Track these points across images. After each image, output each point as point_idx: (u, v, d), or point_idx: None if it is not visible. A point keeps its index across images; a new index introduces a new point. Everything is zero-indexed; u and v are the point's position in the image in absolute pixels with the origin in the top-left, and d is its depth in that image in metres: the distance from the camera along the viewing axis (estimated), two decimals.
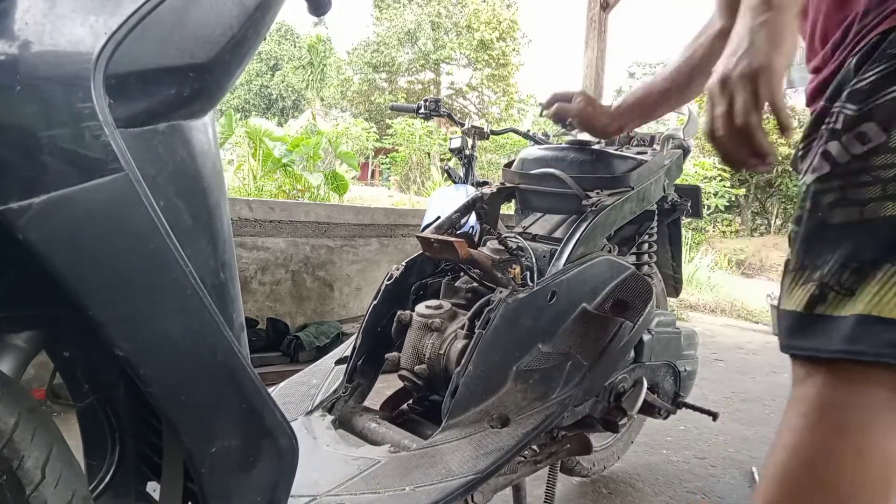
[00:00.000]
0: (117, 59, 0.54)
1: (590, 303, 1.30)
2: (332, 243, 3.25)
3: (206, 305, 0.60)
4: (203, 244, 0.63)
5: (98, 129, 0.52)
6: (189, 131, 0.61)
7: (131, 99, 0.56)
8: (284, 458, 0.71)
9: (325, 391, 1.29)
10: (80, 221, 0.51)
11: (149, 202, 0.55)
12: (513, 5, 26.30)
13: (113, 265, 0.54)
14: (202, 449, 0.63)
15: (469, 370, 1.11)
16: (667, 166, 1.56)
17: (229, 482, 0.67)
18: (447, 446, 1.06)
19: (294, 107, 25.52)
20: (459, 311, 1.26)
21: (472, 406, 1.12)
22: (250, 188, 6.21)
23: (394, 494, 0.95)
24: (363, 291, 3.37)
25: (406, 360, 1.22)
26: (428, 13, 25.60)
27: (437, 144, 12.12)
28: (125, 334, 0.56)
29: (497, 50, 25.02)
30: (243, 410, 0.66)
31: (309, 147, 6.80)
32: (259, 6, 0.63)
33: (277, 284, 3.01)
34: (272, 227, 2.99)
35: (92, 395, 0.78)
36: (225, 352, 0.63)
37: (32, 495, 0.56)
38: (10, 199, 0.48)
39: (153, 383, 0.58)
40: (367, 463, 1.04)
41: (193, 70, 0.59)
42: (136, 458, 0.81)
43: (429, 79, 26.70)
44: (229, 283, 0.66)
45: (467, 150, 2.81)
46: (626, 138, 1.80)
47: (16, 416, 0.56)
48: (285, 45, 27.51)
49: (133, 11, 0.54)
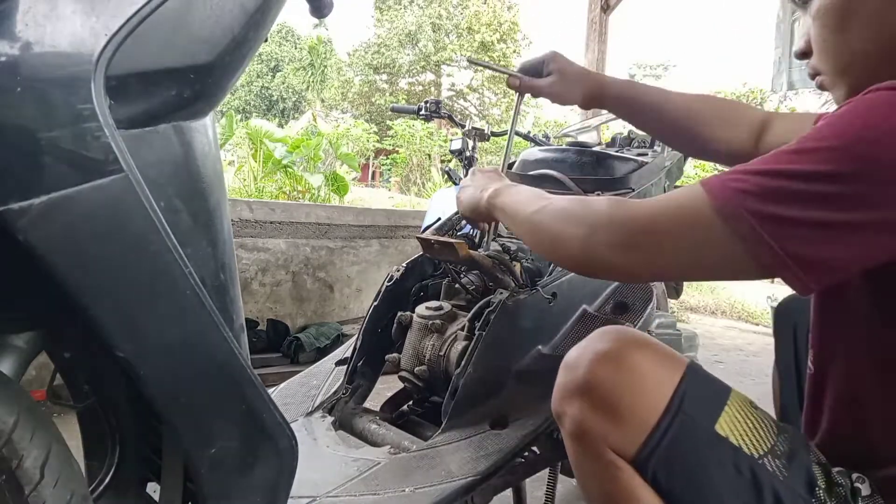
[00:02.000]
0: (118, 60, 0.54)
1: (590, 304, 1.30)
2: (333, 244, 3.26)
3: (207, 306, 0.60)
4: (203, 245, 0.63)
5: (98, 130, 0.52)
6: (189, 132, 0.61)
7: (132, 100, 0.56)
8: (284, 459, 0.71)
9: (326, 392, 1.29)
10: (81, 222, 0.51)
11: (149, 203, 0.55)
12: (513, 7, 26.34)
13: (113, 266, 0.54)
14: (202, 450, 0.63)
15: (469, 371, 1.11)
16: (667, 168, 1.56)
17: (229, 483, 0.66)
18: (447, 448, 1.06)
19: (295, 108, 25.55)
20: (459, 313, 1.26)
21: (472, 407, 1.12)
22: (251, 189, 6.22)
23: (394, 496, 0.94)
24: (363, 293, 3.37)
25: (406, 362, 1.22)
26: (429, 15, 25.63)
27: (437, 146, 12.14)
28: (125, 335, 0.56)
29: (498, 52, 25.04)
30: (243, 411, 0.66)
31: (309, 148, 6.81)
32: (259, 8, 0.63)
33: (278, 286, 3.01)
34: (272, 228, 2.99)
35: (92, 396, 0.78)
36: (225, 353, 0.63)
37: (31, 495, 0.56)
38: (11, 200, 0.48)
39: (153, 384, 0.58)
40: (367, 464, 1.04)
41: (194, 71, 0.59)
42: (136, 459, 0.81)
43: (429, 80, 26.74)
44: (229, 284, 0.66)
45: (468, 151, 2.81)
46: (627, 139, 1.80)
47: (15, 416, 0.56)
48: (286, 47, 27.55)
49: (134, 13, 0.54)
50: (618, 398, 0.66)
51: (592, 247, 0.68)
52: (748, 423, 0.67)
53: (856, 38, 0.69)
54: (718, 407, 0.67)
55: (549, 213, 0.76)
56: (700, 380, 0.69)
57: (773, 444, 0.67)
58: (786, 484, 0.65)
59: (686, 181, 7.55)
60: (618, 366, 0.67)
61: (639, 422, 0.66)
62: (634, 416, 0.66)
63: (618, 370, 0.67)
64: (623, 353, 0.68)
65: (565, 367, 0.72)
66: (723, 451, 0.65)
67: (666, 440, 0.64)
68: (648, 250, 0.66)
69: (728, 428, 0.66)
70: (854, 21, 0.69)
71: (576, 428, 0.69)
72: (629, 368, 0.67)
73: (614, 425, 0.66)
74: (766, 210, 0.59)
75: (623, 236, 0.67)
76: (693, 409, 0.65)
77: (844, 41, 0.70)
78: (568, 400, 0.70)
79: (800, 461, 0.67)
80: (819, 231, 0.57)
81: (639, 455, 0.66)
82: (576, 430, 0.69)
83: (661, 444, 0.65)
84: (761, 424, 0.68)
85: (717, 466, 0.65)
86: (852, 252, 0.58)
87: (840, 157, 0.57)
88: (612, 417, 0.66)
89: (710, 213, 0.61)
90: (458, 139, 2.83)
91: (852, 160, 0.56)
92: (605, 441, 0.67)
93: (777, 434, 0.68)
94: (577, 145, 1.54)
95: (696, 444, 0.65)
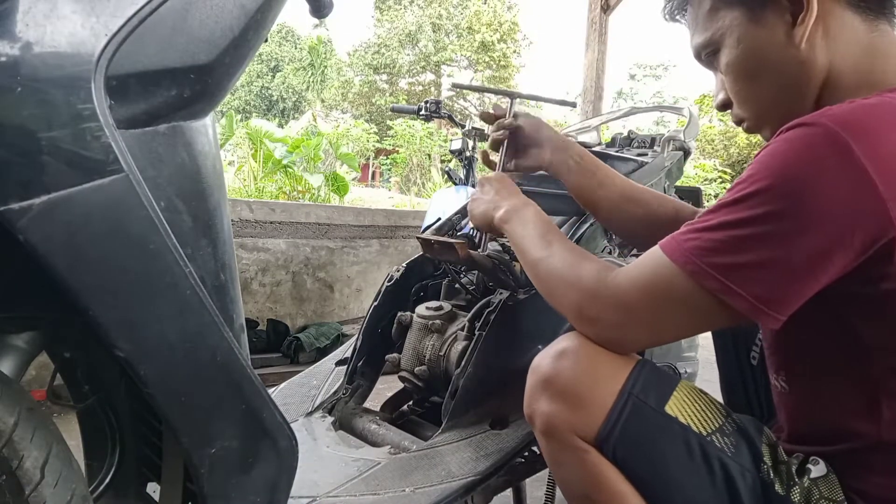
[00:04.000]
0: (118, 60, 0.54)
1: None
2: (333, 244, 3.26)
3: (207, 306, 0.60)
4: (203, 245, 0.63)
5: (98, 130, 0.52)
6: (189, 132, 0.62)
7: (132, 100, 0.56)
8: (284, 460, 0.72)
9: (326, 392, 1.29)
10: (81, 222, 0.52)
11: (149, 203, 0.55)
12: (514, 7, 26.34)
13: (113, 266, 0.54)
14: (202, 450, 0.63)
15: (469, 371, 1.11)
16: (667, 168, 1.56)
17: (229, 483, 0.67)
18: (447, 448, 1.06)
19: (295, 108, 25.53)
20: (460, 313, 1.26)
21: (472, 407, 1.12)
22: (251, 189, 6.22)
23: (394, 496, 0.95)
24: (363, 293, 3.37)
25: (406, 362, 1.22)
26: (429, 15, 25.63)
27: (437, 146, 12.14)
28: (125, 335, 0.56)
29: (498, 52, 25.05)
30: (243, 411, 0.66)
31: (309, 148, 6.81)
32: (259, 8, 0.63)
33: (278, 286, 3.01)
34: (273, 228, 2.99)
35: (92, 396, 0.78)
36: (225, 353, 0.63)
37: (32, 495, 0.56)
38: (11, 200, 0.48)
39: (153, 384, 0.58)
40: (367, 464, 1.04)
41: (194, 71, 0.59)
42: (136, 459, 0.81)
43: (429, 80, 26.74)
44: (229, 284, 0.66)
45: (468, 151, 2.81)
46: (627, 139, 1.80)
47: (15, 416, 0.56)
48: (286, 47, 27.54)
49: (134, 13, 0.54)
50: (577, 386, 0.73)
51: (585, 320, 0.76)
52: (696, 405, 0.73)
53: (765, 85, 0.77)
54: (668, 391, 0.73)
55: (548, 268, 0.82)
56: (650, 369, 0.75)
57: (722, 424, 0.73)
58: (733, 459, 0.70)
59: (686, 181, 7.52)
60: (575, 358, 0.74)
61: (597, 406, 0.72)
62: (593, 401, 0.72)
63: (575, 362, 0.74)
64: (579, 348, 0.75)
65: (530, 371, 0.78)
66: (673, 428, 0.71)
67: (621, 421, 0.71)
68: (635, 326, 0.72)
69: (677, 409, 0.72)
70: (760, 70, 0.76)
71: (545, 423, 0.75)
72: (585, 360, 0.74)
73: (576, 412, 0.72)
74: (725, 261, 0.65)
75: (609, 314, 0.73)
76: (643, 393, 0.72)
77: (757, 89, 0.78)
78: (535, 399, 0.76)
79: (747, 440, 0.72)
80: (776, 269, 0.63)
81: (599, 436, 0.71)
82: (545, 426, 0.75)
83: (618, 424, 0.71)
84: (709, 408, 0.74)
85: (668, 443, 0.71)
86: (813, 278, 0.63)
87: (771, 197, 0.63)
88: (574, 405, 0.73)
89: (680, 276, 0.67)
90: (458, 139, 2.84)
91: (782, 198, 0.63)
92: (570, 429, 0.73)
93: (725, 416, 0.74)
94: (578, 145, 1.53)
95: (648, 423, 0.71)
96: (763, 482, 0.70)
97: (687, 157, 1.68)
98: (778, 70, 0.75)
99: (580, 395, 0.73)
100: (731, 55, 0.77)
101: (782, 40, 0.73)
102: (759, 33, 0.75)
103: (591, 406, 0.72)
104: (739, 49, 0.76)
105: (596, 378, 0.73)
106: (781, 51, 0.74)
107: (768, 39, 0.74)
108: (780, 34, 0.73)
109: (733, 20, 0.76)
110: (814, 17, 0.71)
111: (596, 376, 0.73)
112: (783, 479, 0.70)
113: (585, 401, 0.72)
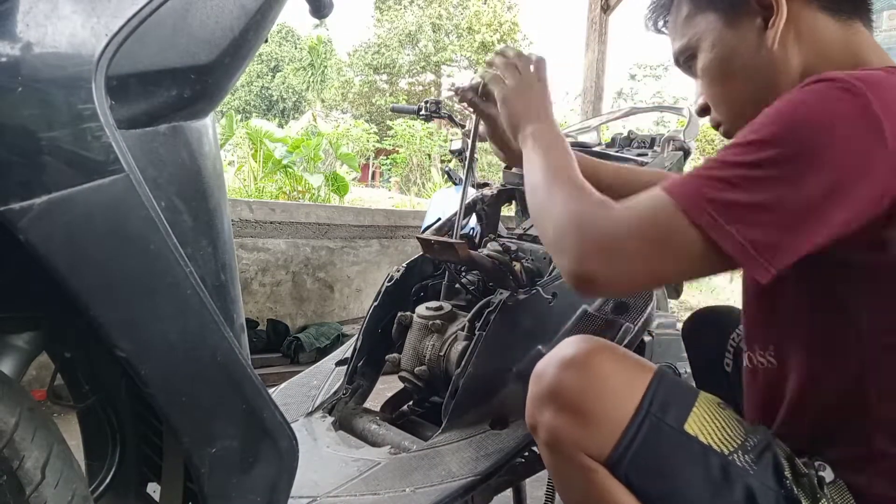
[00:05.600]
0: (118, 60, 0.54)
1: (590, 304, 1.30)
2: (333, 245, 3.26)
3: (207, 306, 0.60)
4: (203, 245, 0.63)
5: (99, 131, 0.52)
6: (190, 132, 0.62)
7: (132, 100, 0.56)
8: (284, 460, 0.72)
9: (326, 392, 1.29)
10: (81, 222, 0.52)
11: (149, 203, 0.55)
12: (514, 7, 26.33)
13: (113, 266, 0.54)
14: (202, 450, 0.63)
15: (469, 371, 1.11)
16: (667, 168, 1.56)
17: (229, 483, 0.67)
18: (447, 448, 1.06)
19: (295, 108, 25.52)
20: (460, 313, 1.26)
21: (472, 407, 1.12)
22: (251, 189, 6.22)
23: (394, 496, 0.95)
24: (363, 293, 3.37)
25: (406, 362, 1.22)
26: (429, 15, 25.62)
27: (437, 146, 12.13)
28: (126, 335, 0.56)
29: None
30: (243, 411, 0.66)
31: (309, 148, 6.81)
32: (259, 8, 0.63)
33: (278, 286, 3.01)
34: (273, 228, 2.99)
35: (93, 395, 0.78)
36: (225, 353, 0.63)
37: (32, 495, 0.56)
38: (12, 200, 0.48)
39: (153, 384, 0.58)
40: (367, 464, 1.04)
41: (194, 71, 0.59)
42: (136, 459, 0.81)
43: (429, 80, 26.74)
44: (230, 284, 0.67)
45: (468, 151, 2.81)
46: (627, 139, 1.80)
47: (16, 417, 0.56)
48: (286, 47, 27.52)
49: (134, 13, 0.54)
50: (585, 402, 0.69)
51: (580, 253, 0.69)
52: (716, 422, 0.69)
53: (739, 87, 0.77)
54: (687, 408, 0.69)
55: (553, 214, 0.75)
56: (668, 383, 0.71)
57: (743, 440, 0.69)
58: (756, 477, 0.67)
59: None
60: (582, 370, 0.70)
61: (609, 424, 0.67)
62: (604, 418, 0.68)
63: (583, 374, 0.69)
64: (587, 358, 0.70)
65: (534, 378, 0.74)
66: (693, 449, 0.67)
67: (637, 442, 0.66)
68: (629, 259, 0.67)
69: (697, 427, 0.68)
70: (734, 73, 0.77)
71: (549, 436, 0.71)
72: (594, 372, 0.69)
73: (585, 429, 0.68)
74: (722, 198, 0.62)
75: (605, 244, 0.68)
76: (662, 411, 0.68)
77: (732, 91, 0.78)
78: (539, 409, 0.72)
79: (768, 455, 0.69)
80: (775, 214, 0.61)
81: (611, 457, 0.67)
82: (550, 439, 0.71)
83: (633, 445, 0.66)
84: (729, 423, 0.70)
85: (688, 465, 0.67)
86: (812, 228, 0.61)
87: (781, 141, 0.61)
88: (582, 421, 0.68)
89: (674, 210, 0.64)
90: (458, 139, 2.84)
91: (793, 143, 0.61)
92: (577, 446, 0.69)
93: (745, 431, 0.71)
94: (577, 145, 1.54)
95: (667, 444, 0.67)
96: (787, 499, 0.66)
97: (687, 157, 1.68)
98: (751, 73, 0.75)
99: (590, 411, 0.68)
100: (706, 59, 0.78)
101: (755, 43, 0.74)
102: (733, 37, 0.75)
103: (602, 424, 0.68)
104: (714, 53, 0.77)
105: (607, 393, 0.68)
106: (754, 54, 0.74)
107: (741, 43, 0.75)
108: (752, 37, 0.74)
109: (708, 25, 0.77)
110: (783, 19, 0.71)
111: (607, 391, 0.68)
112: (807, 493, 0.67)
113: (596, 418, 0.68)
